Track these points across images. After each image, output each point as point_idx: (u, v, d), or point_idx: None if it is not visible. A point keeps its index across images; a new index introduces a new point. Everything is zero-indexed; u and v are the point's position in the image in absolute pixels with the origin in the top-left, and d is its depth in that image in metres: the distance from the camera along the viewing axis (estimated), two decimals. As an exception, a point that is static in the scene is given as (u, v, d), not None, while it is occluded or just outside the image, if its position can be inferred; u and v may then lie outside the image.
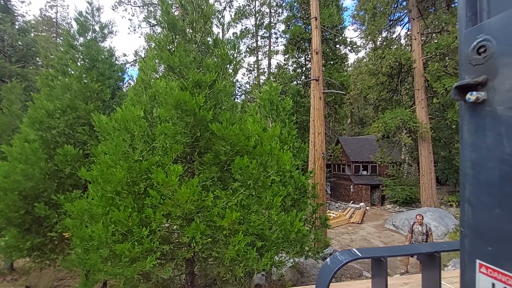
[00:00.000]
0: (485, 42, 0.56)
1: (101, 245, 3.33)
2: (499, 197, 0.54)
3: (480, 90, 0.56)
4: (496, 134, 0.54)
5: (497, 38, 0.54)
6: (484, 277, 0.57)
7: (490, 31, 0.55)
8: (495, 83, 0.54)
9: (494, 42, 0.54)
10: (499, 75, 0.54)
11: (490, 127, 0.55)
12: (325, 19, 18.03)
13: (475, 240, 0.59)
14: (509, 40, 0.51)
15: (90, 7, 6.55)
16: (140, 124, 3.55)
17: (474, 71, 0.57)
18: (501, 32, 0.53)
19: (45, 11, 33.60)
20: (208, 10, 4.30)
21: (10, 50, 19.24)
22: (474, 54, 0.57)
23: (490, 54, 0.55)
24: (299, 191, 6.60)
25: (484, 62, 0.56)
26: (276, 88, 7.76)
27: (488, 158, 0.56)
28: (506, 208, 0.52)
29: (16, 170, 5.37)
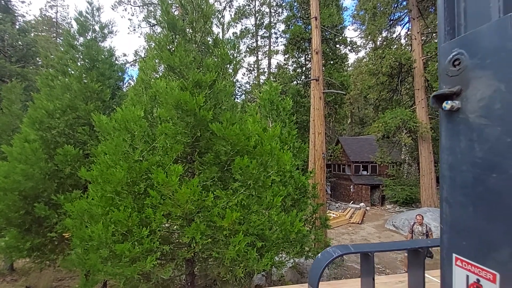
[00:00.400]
0: (459, 56, 0.61)
1: (101, 245, 3.32)
2: (472, 197, 0.60)
3: (455, 99, 0.62)
4: (469, 140, 0.60)
5: (469, 53, 0.59)
6: (460, 269, 0.63)
7: (464, 46, 0.61)
8: (468, 93, 0.60)
9: (467, 56, 0.60)
10: (471, 86, 0.59)
11: (464, 133, 0.61)
12: (325, 19, 18.02)
13: (451, 235, 0.65)
14: (479, 55, 0.57)
15: (90, 7, 6.55)
16: (140, 124, 3.54)
17: (450, 82, 0.63)
18: (472, 47, 0.59)
19: (45, 11, 33.62)
20: (208, 10, 4.29)
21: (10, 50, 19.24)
22: (450, 66, 0.63)
23: (464, 67, 0.60)
24: (299, 191, 6.59)
25: (458, 73, 0.62)
26: (276, 88, 7.75)
27: (462, 161, 0.62)
28: (478, 207, 0.58)
29: (16, 170, 5.36)
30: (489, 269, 0.57)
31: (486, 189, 0.57)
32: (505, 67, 0.53)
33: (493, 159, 0.56)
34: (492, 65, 0.56)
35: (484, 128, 0.58)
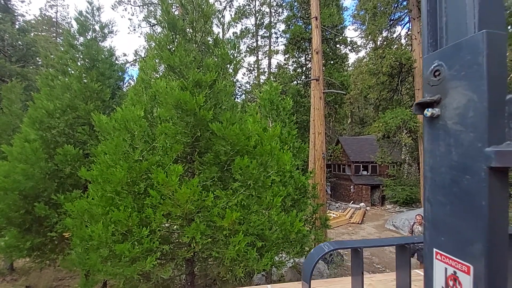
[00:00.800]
0: (439, 67, 0.67)
1: (101, 245, 3.32)
2: (449, 196, 0.66)
3: (435, 107, 0.68)
4: (447, 144, 0.66)
5: (447, 65, 0.65)
6: (439, 263, 0.69)
7: (443, 58, 0.67)
8: (446, 102, 0.66)
9: (445, 68, 0.66)
10: (449, 95, 0.65)
11: (443, 138, 0.67)
12: (326, 18, 18.01)
13: (432, 232, 0.71)
14: (456, 67, 0.63)
15: (90, 6, 6.55)
16: (140, 124, 3.54)
17: (431, 91, 0.69)
18: (450, 60, 0.65)
19: (45, 11, 33.59)
20: (208, 9, 4.29)
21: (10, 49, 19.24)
22: (431, 76, 0.69)
23: (443, 78, 0.66)
24: (299, 191, 6.59)
25: (438, 83, 0.67)
26: (276, 88, 7.75)
27: (441, 164, 0.68)
28: (454, 206, 0.64)
29: (16, 170, 5.36)
30: (464, 262, 0.62)
31: (461, 189, 0.63)
32: (477, 79, 0.59)
33: (467, 162, 0.62)
34: (467, 77, 0.61)
35: (460, 134, 0.63)
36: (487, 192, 0.58)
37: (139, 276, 3.46)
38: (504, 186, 0.59)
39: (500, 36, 0.59)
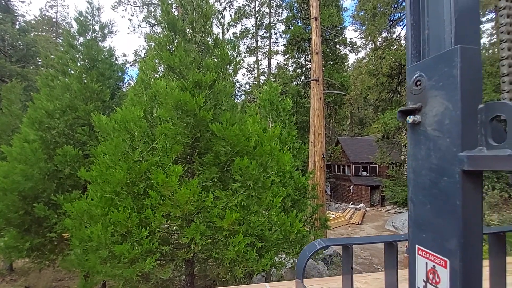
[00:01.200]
0: (420, 77, 0.72)
1: (100, 246, 3.31)
2: (429, 196, 0.71)
3: (417, 114, 0.74)
4: (427, 149, 0.72)
5: (427, 75, 0.71)
6: (421, 258, 0.74)
7: (424, 69, 0.72)
8: (426, 110, 0.71)
9: (426, 78, 0.71)
10: (428, 104, 0.71)
11: (423, 143, 0.73)
12: (325, 19, 18.03)
13: (414, 229, 0.76)
14: (434, 78, 0.69)
15: (90, 7, 6.55)
16: (140, 125, 3.53)
17: (413, 99, 0.75)
18: (430, 71, 0.70)
19: (45, 11, 33.60)
20: (208, 10, 4.29)
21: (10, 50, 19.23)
22: (413, 86, 0.74)
23: (423, 87, 0.72)
24: (299, 191, 6.58)
25: (419, 92, 0.73)
26: (276, 88, 7.75)
27: (422, 167, 0.73)
28: (433, 205, 0.70)
29: (16, 170, 5.35)
30: (442, 256, 0.68)
31: (439, 190, 0.69)
32: (452, 90, 0.64)
33: (444, 165, 0.67)
34: (444, 87, 0.67)
35: (438, 139, 0.69)
36: (461, 193, 0.63)
37: (139, 277, 3.45)
38: (477, 187, 0.65)
39: (474, 50, 0.64)
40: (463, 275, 0.63)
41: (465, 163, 0.63)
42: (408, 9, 0.79)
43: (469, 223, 0.64)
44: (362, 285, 1.97)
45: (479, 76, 0.64)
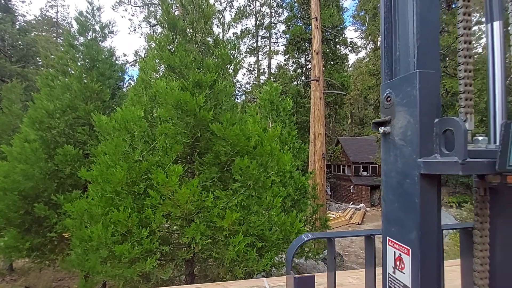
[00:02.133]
0: (390, 94, 0.85)
1: (100, 246, 3.31)
2: (396, 196, 0.83)
3: (387, 126, 0.86)
4: (395, 155, 0.84)
5: (395, 93, 0.83)
6: (390, 248, 0.87)
7: (392, 88, 0.85)
8: (394, 122, 0.84)
9: (394, 95, 0.84)
10: (395, 117, 0.83)
11: (392, 150, 0.85)
12: (326, 19, 18.03)
13: (386, 224, 0.89)
14: (400, 96, 0.81)
15: (91, 7, 6.55)
16: (140, 124, 3.53)
17: (384, 112, 0.88)
18: (397, 90, 0.83)
19: (45, 11, 33.59)
20: (209, 10, 4.29)
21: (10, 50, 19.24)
22: (385, 101, 0.87)
23: (392, 103, 0.84)
24: (299, 191, 6.58)
25: (389, 107, 0.85)
26: (276, 88, 7.75)
27: (391, 170, 0.85)
28: (399, 203, 0.82)
29: (16, 170, 5.36)
30: (405, 246, 0.80)
31: (403, 190, 0.81)
32: (412, 107, 0.77)
33: (407, 169, 0.79)
34: (406, 104, 0.79)
35: (402, 147, 0.81)
36: (419, 193, 0.75)
37: (139, 277, 3.45)
38: (433, 188, 0.76)
39: (432, 74, 0.76)
40: (422, 261, 0.74)
41: (422, 168, 0.74)
42: (382, 34, 0.91)
43: (427, 218, 0.75)
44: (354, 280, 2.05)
45: (436, 95, 0.76)
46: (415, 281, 0.76)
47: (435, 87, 0.76)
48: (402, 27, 0.84)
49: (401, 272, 0.82)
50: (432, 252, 0.75)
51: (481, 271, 0.81)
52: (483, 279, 0.81)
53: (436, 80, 0.76)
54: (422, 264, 0.74)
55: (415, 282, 0.76)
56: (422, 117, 0.75)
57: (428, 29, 0.79)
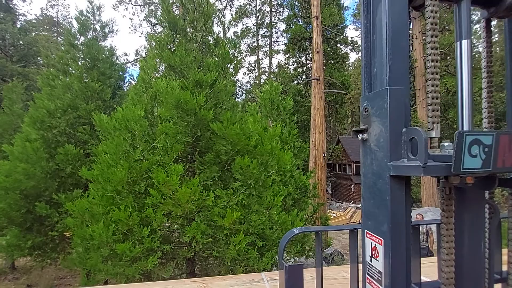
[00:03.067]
0: (367, 106, 0.96)
1: (101, 245, 3.33)
2: (372, 194, 0.96)
3: (365, 133, 0.98)
4: (371, 159, 0.95)
5: (371, 105, 0.95)
6: (368, 239, 0.99)
7: (369, 100, 0.96)
8: (370, 130, 0.96)
9: (370, 107, 0.95)
10: (371, 126, 0.95)
11: (368, 154, 0.97)
12: (326, 18, 17.99)
13: (365, 218, 1.02)
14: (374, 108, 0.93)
15: (91, 6, 6.55)
16: (140, 124, 3.54)
17: (363, 122, 0.99)
18: (372, 102, 0.94)
19: (46, 11, 33.59)
20: (209, 9, 4.28)
21: (11, 49, 19.27)
22: (363, 111, 0.99)
23: (368, 114, 0.96)
24: (300, 190, 6.59)
25: (367, 117, 0.97)
26: (276, 87, 7.74)
27: (368, 172, 0.97)
28: (375, 200, 0.94)
29: (18, 169, 5.38)
30: (379, 237, 0.92)
31: (377, 189, 0.92)
32: (384, 118, 0.88)
33: (380, 171, 0.91)
34: (379, 116, 0.90)
35: (376, 152, 0.92)
36: (389, 191, 0.87)
37: (140, 275, 3.46)
38: (401, 187, 0.88)
39: (400, 90, 0.88)
40: (392, 249, 0.87)
41: (392, 170, 0.86)
42: (363, 51, 1.02)
43: (396, 213, 0.88)
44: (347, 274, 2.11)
45: (404, 108, 0.89)
46: (387, 267, 0.89)
47: (403, 101, 0.89)
48: (378, 47, 0.95)
49: (376, 260, 0.94)
50: (401, 242, 0.89)
51: (447, 260, 0.92)
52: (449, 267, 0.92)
53: (404, 95, 0.89)
54: (392, 252, 0.87)
55: (387, 268, 0.89)
56: (392, 127, 0.87)
57: (398, 52, 0.91)
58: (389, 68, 0.90)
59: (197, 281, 2.26)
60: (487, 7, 1.07)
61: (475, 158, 0.77)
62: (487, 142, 0.77)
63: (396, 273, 0.88)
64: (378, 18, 0.95)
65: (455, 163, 0.77)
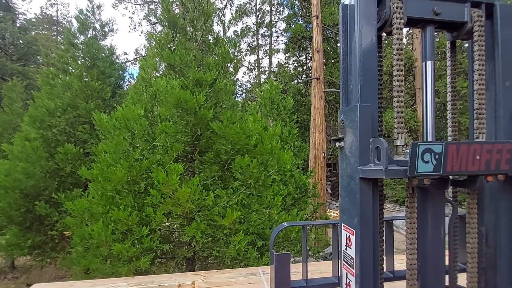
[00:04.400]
0: (343, 118, 1.14)
1: (100, 244, 3.32)
2: (347, 193, 1.13)
3: (341, 142, 1.15)
4: (346, 163, 1.14)
5: (346, 118, 1.12)
6: (344, 231, 1.16)
7: (344, 114, 1.13)
8: (345, 139, 1.12)
9: (346, 119, 1.12)
10: (346, 136, 1.12)
11: (345, 159, 1.14)
12: (326, 17, 17.96)
13: (342, 214, 1.19)
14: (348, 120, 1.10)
15: (91, 5, 6.53)
16: (140, 123, 3.53)
17: (340, 132, 1.16)
18: (347, 116, 1.11)
19: (45, 9, 33.44)
20: (209, 8, 4.27)
21: (11, 48, 19.25)
22: (341, 123, 1.15)
23: (344, 125, 1.13)
24: (300, 190, 6.58)
25: (343, 128, 1.14)
26: (277, 87, 7.73)
27: (344, 174, 1.15)
28: (348, 198, 1.12)
29: (17, 169, 5.37)
30: (351, 229, 1.10)
31: (350, 189, 1.09)
32: (355, 129, 1.05)
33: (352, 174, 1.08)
34: (351, 127, 1.07)
35: (350, 158, 1.09)
36: (359, 191, 1.04)
37: (139, 275, 3.45)
38: (369, 187, 1.05)
39: (368, 107, 1.04)
40: (361, 239, 1.04)
41: (360, 173, 1.03)
42: (341, 70, 1.19)
43: (364, 209, 1.05)
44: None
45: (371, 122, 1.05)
46: (357, 254, 1.06)
47: (371, 116, 1.04)
48: (354, 68, 1.11)
49: (350, 248, 1.11)
50: (369, 233, 1.06)
51: (410, 249, 1.09)
52: (412, 255, 1.09)
53: (372, 111, 1.06)
54: (361, 241, 1.04)
55: (357, 254, 1.06)
56: (361, 137, 1.03)
57: (368, 73, 1.07)
58: (360, 87, 1.06)
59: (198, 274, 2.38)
60: (450, 31, 1.23)
61: (427, 164, 0.93)
62: (437, 151, 0.93)
63: (365, 258, 1.05)
64: (353, 43, 1.10)
65: (410, 167, 0.93)
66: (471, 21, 1.12)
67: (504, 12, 1.12)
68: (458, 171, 0.95)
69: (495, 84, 1.14)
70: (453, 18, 1.13)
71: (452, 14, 1.12)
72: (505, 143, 0.97)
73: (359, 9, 1.06)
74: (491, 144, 0.96)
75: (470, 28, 1.13)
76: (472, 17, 1.12)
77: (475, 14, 1.11)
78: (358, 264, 1.04)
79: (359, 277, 1.03)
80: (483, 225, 1.17)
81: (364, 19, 1.06)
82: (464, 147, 0.94)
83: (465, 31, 1.15)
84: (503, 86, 1.11)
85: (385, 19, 1.09)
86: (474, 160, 0.94)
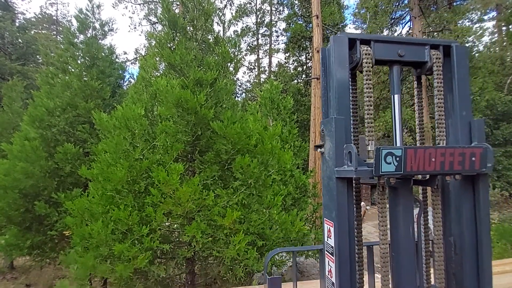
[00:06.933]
0: (324, 128, 1.32)
1: (100, 243, 3.31)
2: (327, 191, 1.30)
3: (322, 148, 1.34)
4: (326, 166, 1.32)
5: (325, 128, 1.31)
6: (325, 224, 1.32)
7: (323, 125, 1.33)
8: (325, 146, 1.31)
9: (325, 130, 1.31)
10: (325, 143, 1.31)
11: (324, 162, 1.32)
12: (326, 17, 17.96)
13: (324, 209, 1.35)
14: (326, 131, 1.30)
15: (90, 4, 6.52)
16: (140, 123, 3.52)
17: (321, 139, 1.34)
18: (326, 126, 1.31)
19: (45, 9, 33.32)
20: (209, 7, 4.26)
21: (10, 47, 19.21)
22: (322, 132, 1.33)
23: (324, 134, 1.31)
24: (300, 190, 6.58)
25: (323, 136, 1.32)
26: (277, 86, 7.72)
27: (325, 175, 1.32)
28: (328, 196, 1.29)
29: (16, 168, 5.35)
30: (331, 221, 1.26)
31: (329, 188, 1.26)
32: (331, 137, 1.24)
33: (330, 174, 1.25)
34: (329, 136, 1.27)
35: (328, 161, 1.27)
36: (336, 189, 1.21)
37: (138, 274, 3.45)
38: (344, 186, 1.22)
39: (342, 119, 1.24)
40: (338, 230, 1.22)
41: (336, 173, 1.20)
42: (322, 87, 1.39)
43: (341, 204, 1.21)
44: None
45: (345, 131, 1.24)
46: (336, 242, 1.22)
47: (344, 127, 1.23)
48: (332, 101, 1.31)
49: (330, 238, 1.28)
50: (345, 225, 1.22)
51: (383, 239, 1.27)
52: (384, 245, 1.26)
53: (345, 123, 1.25)
54: (339, 231, 1.22)
55: (336, 243, 1.22)
56: (336, 144, 1.21)
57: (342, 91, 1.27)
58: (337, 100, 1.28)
59: None
60: (415, 68, 1.45)
61: (389, 165, 1.10)
62: (398, 154, 1.10)
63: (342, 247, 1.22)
64: (330, 81, 1.31)
65: (375, 168, 1.10)
66: (430, 61, 1.32)
67: (460, 52, 1.33)
68: (416, 171, 1.12)
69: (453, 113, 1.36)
70: (415, 58, 1.34)
71: (415, 55, 1.33)
72: (456, 148, 1.17)
73: (334, 53, 1.28)
74: (444, 148, 1.15)
75: (430, 66, 1.33)
76: (431, 57, 1.31)
77: (434, 55, 1.31)
78: (337, 252, 1.21)
79: (338, 263, 1.20)
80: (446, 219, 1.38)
81: (338, 63, 1.27)
82: (421, 151, 1.12)
83: (426, 69, 1.36)
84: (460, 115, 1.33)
85: (356, 62, 1.30)
86: (430, 162, 1.12)
